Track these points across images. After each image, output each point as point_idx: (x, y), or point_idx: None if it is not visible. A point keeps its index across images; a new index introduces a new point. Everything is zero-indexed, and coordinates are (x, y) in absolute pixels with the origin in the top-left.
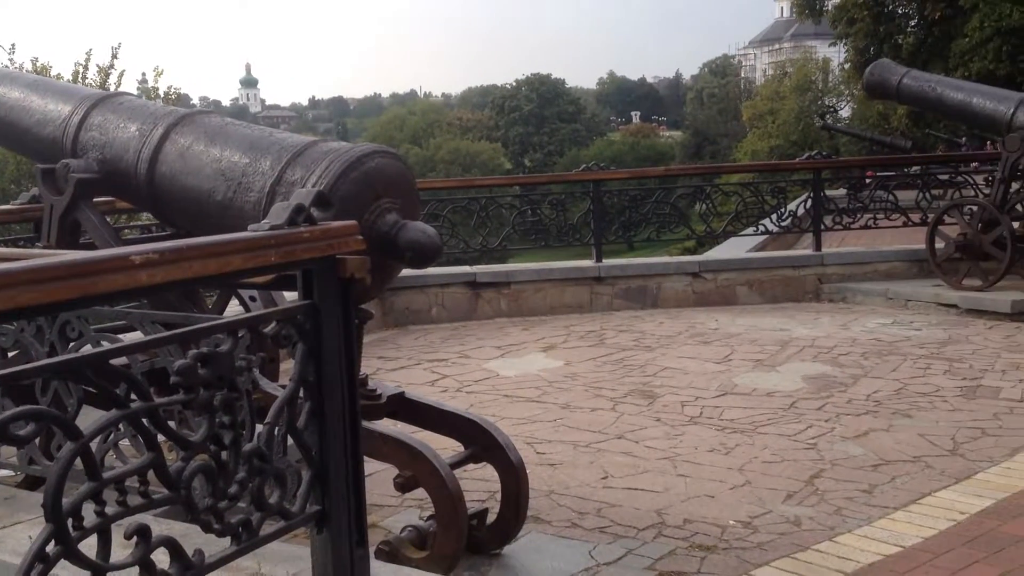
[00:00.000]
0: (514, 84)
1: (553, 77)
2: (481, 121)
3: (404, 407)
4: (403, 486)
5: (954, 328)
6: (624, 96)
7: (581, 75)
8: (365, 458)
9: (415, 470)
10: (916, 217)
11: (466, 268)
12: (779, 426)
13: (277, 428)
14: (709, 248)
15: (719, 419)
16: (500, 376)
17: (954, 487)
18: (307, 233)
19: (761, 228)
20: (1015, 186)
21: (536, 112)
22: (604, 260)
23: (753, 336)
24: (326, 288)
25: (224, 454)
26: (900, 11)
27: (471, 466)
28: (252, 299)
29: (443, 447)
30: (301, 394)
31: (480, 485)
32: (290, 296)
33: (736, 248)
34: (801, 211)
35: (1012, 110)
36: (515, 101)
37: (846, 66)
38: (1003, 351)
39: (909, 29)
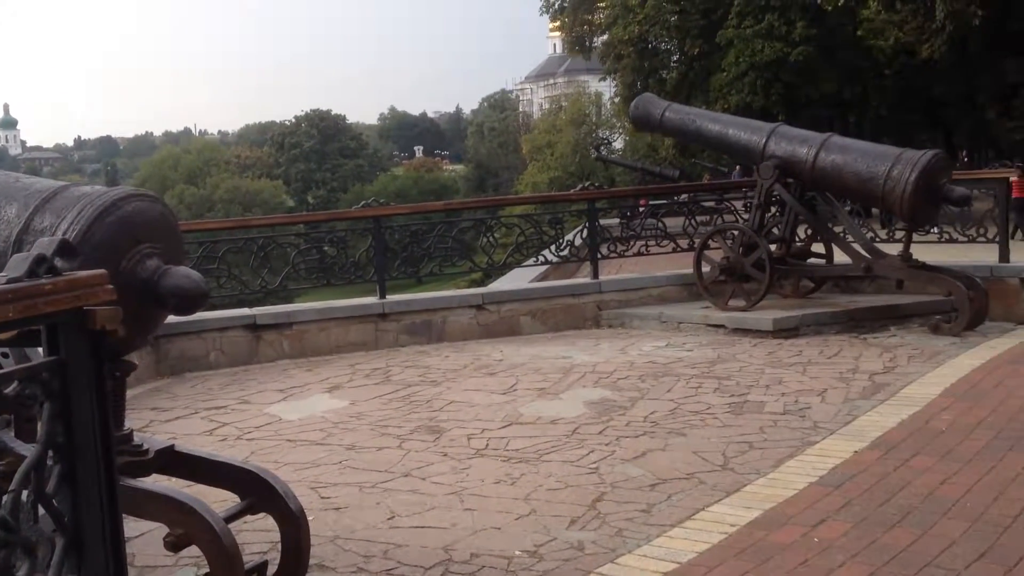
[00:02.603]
0: (294, 120)
1: (334, 113)
2: (261, 158)
3: (175, 461)
4: (175, 544)
5: (722, 347)
6: (406, 131)
7: (362, 111)
8: (137, 518)
9: (187, 526)
10: (684, 243)
11: (245, 310)
12: (563, 453)
13: (25, 495)
14: (496, 280)
15: (505, 450)
16: (283, 420)
17: (725, 501)
18: (49, 285)
19: (541, 259)
20: (772, 211)
21: (317, 148)
22: (389, 296)
23: (537, 365)
24: (74, 342)
25: None
26: (663, 47)
27: (251, 517)
28: (4, 355)
29: (221, 499)
30: (50, 457)
31: (261, 536)
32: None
33: (519, 279)
34: (579, 241)
35: (764, 140)
36: (295, 138)
37: (616, 100)
38: (767, 367)
39: (672, 64)
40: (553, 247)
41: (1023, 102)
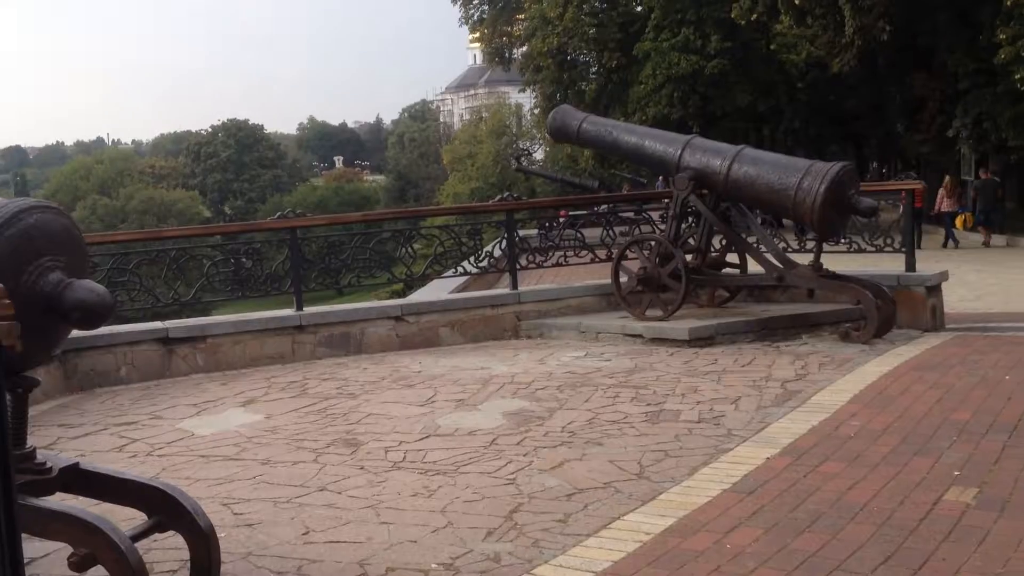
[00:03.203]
0: (210, 130)
1: (251, 122)
2: (176, 168)
3: (79, 479)
4: (79, 564)
5: (640, 357)
6: (326, 141)
7: (281, 120)
8: (41, 538)
9: (92, 546)
10: (603, 253)
11: (157, 324)
12: (480, 464)
13: None
14: (416, 291)
15: (422, 462)
16: (195, 436)
17: (641, 509)
18: None
19: (461, 270)
20: (688, 222)
21: (235, 158)
22: (307, 308)
23: (456, 376)
24: None
25: None
26: (582, 59)
27: (160, 535)
28: None
29: (129, 518)
30: None
31: (171, 555)
32: None
33: (439, 290)
34: (498, 252)
35: (679, 152)
36: (212, 147)
37: (536, 111)
38: (683, 376)
39: (591, 76)
40: (472, 258)
41: (930, 115)
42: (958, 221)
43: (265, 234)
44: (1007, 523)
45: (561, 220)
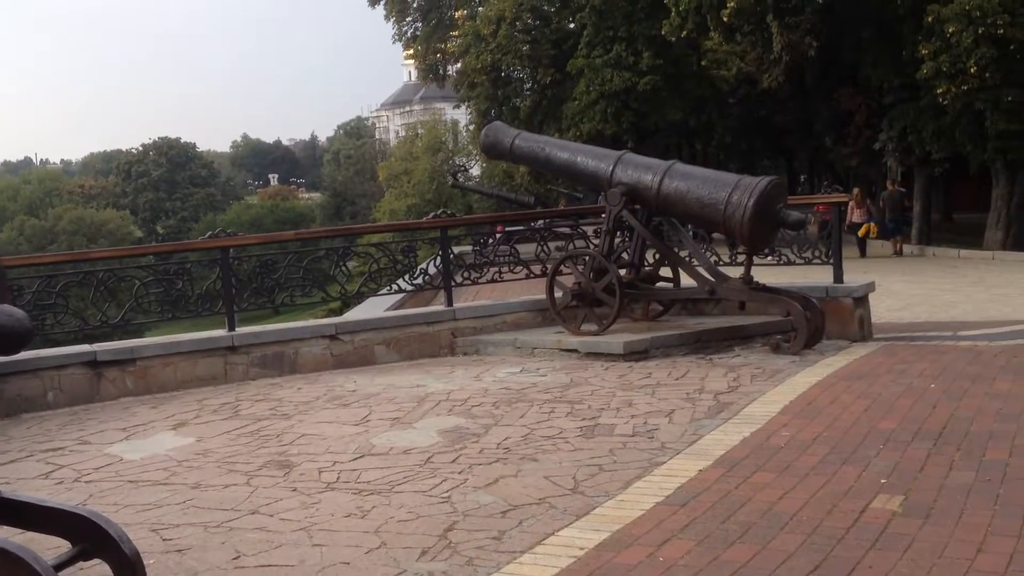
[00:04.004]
0: (141, 149)
1: (183, 141)
2: (107, 188)
3: (2, 508)
4: None
5: (575, 372)
6: (260, 159)
7: (214, 138)
8: None
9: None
10: (538, 269)
11: (84, 347)
12: (415, 483)
13: None
14: (352, 309)
15: (356, 482)
16: (124, 461)
17: (575, 524)
18: None
19: (396, 287)
20: (621, 237)
21: (167, 177)
22: (240, 328)
23: (391, 395)
24: None
25: None
26: (516, 75)
27: (85, 564)
28: None
29: (55, 546)
30: None
31: None
32: None
33: (376, 308)
34: (433, 269)
35: (611, 167)
36: (143, 166)
37: (471, 127)
38: (617, 390)
39: (525, 92)
40: (407, 276)
41: (857, 129)
42: (862, 231)
43: (197, 254)
44: (932, 529)
45: (498, 235)
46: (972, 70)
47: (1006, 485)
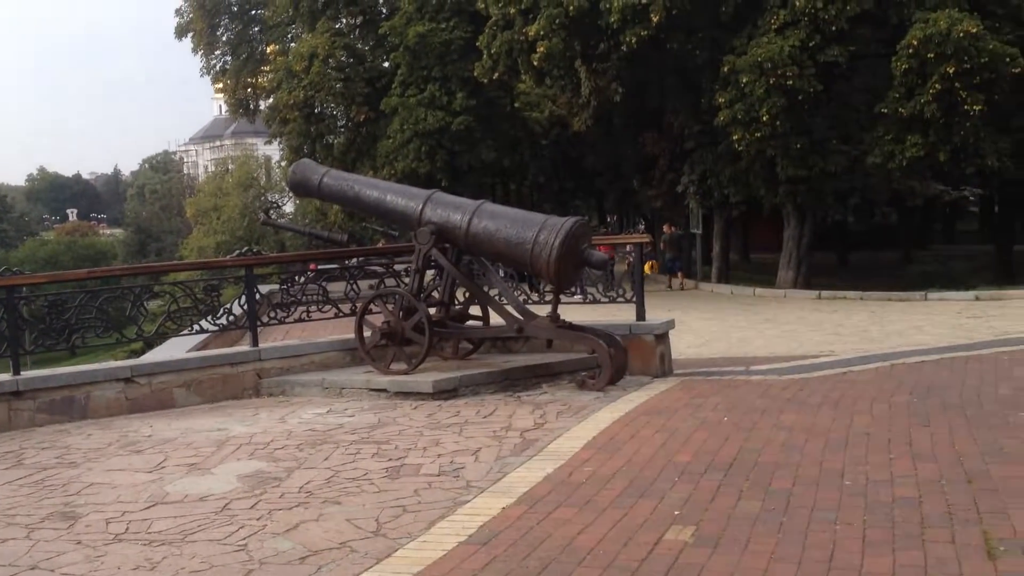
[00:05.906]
0: None
1: None
2: None
3: None
4: None
5: (384, 411)
6: (58, 193)
7: (7, 171)
8: None
9: None
10: (347, 308)
11: None
12: (210, 531)
13: None
14: (152, 350)
15: (147, 532)
16: None
17: (375, 568)
18: None
19: (197, 328)
20: (430, 275)
21: None
22: (26, 372)
23: (189, 439)
24: None
25: None
26: (329, 112)
27: None
28: None
29: None
30: None
31: None
32: None
33: (178, 349)
34: (238, 308)
35: (421, 206)
36: None
37: (283, 163)
38: (425, 429)
39: (339, 129)
40: (211, 316)
41: (661, 172)
42: (646, 268)
43: None
44: (720, 558)
45: (311, 273)
46: (764, 118)
47: (789, 514)
